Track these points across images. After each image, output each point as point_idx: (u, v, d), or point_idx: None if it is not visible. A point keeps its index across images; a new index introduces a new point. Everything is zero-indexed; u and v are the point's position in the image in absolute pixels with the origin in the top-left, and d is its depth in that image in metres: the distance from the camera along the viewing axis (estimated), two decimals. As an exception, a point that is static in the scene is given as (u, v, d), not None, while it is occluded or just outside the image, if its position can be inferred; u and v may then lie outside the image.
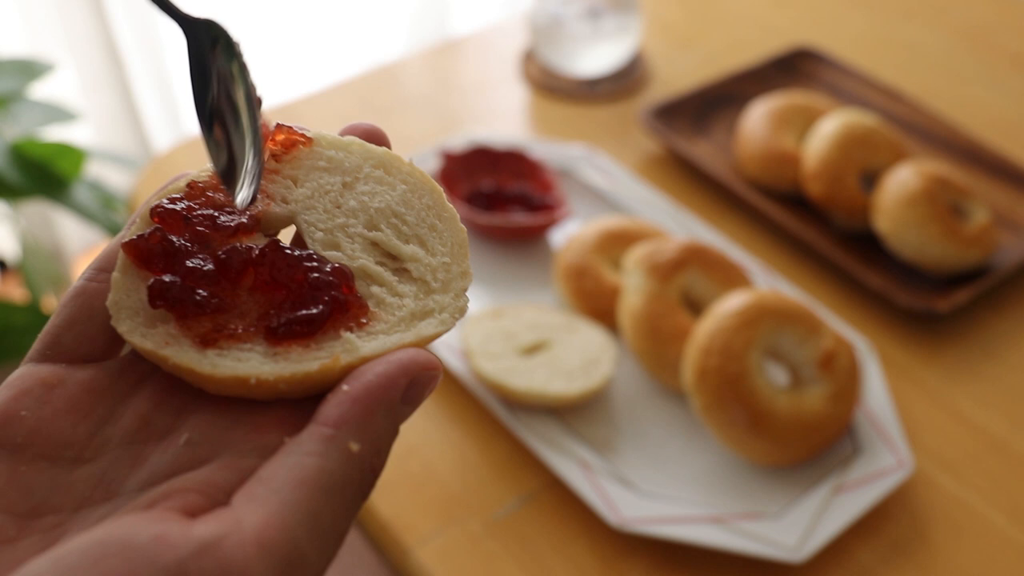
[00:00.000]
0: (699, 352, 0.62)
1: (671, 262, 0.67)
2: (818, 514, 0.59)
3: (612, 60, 0.97)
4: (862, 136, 0.81)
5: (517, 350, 0.66)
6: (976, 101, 0.99)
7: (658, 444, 0.65)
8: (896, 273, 0.77)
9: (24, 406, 0.26)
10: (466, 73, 1.03)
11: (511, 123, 0.95)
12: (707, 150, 0.89)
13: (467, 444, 0.65)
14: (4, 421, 0.26)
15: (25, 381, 0.27)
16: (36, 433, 0.26)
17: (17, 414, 0.26)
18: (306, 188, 0.31)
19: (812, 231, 0.80)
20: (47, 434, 0.26)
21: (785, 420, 0.61)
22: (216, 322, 0.28)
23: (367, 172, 0.32)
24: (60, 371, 0.27)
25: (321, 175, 0.31)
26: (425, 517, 0.61)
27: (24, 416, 0.26)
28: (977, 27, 1.11)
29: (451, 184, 0.80)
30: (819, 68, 0.99)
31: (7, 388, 0.27)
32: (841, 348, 0.63)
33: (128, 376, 0.28)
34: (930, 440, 0.67)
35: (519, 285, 0.76)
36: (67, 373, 0.27)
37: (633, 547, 0.60)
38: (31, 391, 0.27)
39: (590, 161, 0.85)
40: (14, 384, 0.27)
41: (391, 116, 0.94)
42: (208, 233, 0.29)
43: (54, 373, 0.27)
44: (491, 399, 0.64)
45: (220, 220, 0.29)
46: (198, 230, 0.29)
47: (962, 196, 0.78)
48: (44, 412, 0.26)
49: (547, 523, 0.61)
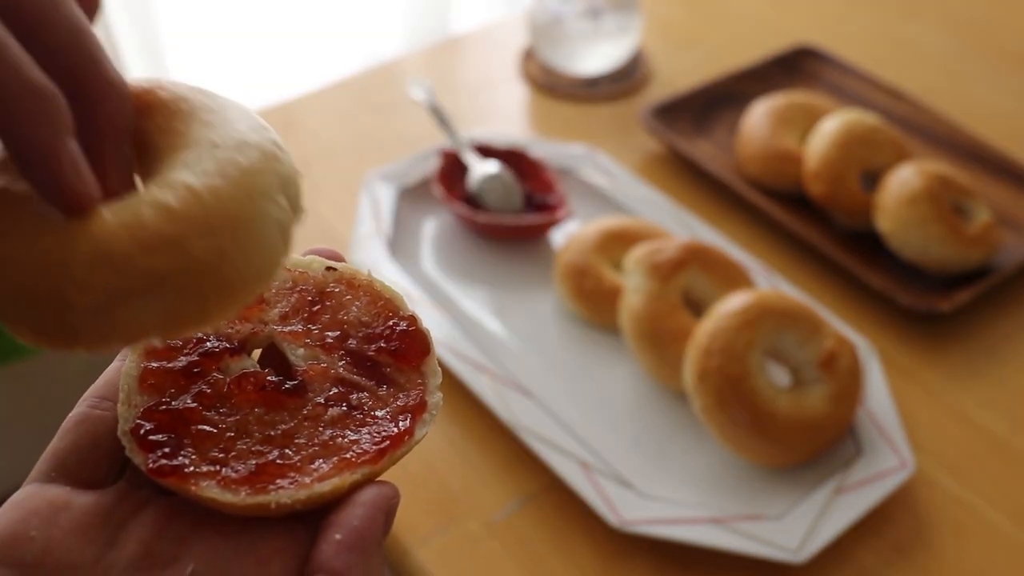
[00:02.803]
0: (700, 352, 0.62)
1: (672, 262, 0.67)
2: (819, 515, 0.59)
3: (612, 59, 0.97)
4: (864, 135, 0.81)
5: None
6: (979, 101, 0.98)
7: (658, 444, 0.65)
8: (898, 273, 0.77)
9: (33, 527, 0.27)
10: (466, 72, 1.03)
11: (511, 123, 0.95)
12: (708, 150, 0.89)
13: (467, 444, 0.65)
14: (14, 541, 0.26)
15: (33, 501, 0.27)
16: (46, 554, 0.26)
17: (27, 534, 0.26)
18: (278, 309, 0.33)
19: (813, 231, 0.79)
20: (56, 556, 0.26)
21: (786, 421, 0.61)
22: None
23: (331, 288, 0.33)
24: (66, 494, 0.28)
25: (291, 295, 0.33)
26: (425, 517, 0.61)
27: (34, 536, 0.26)
28: (980, 26, 1.10)
29: (451, 184, 0.80)
30: (821, 67, 0.99)
31: (15, 508, 0.27)
32: (842, 348, 0.63)
33: (129, 501, 0.28)
34: (932, 441, 0.67)
35: (519, 285, 0.76)
36: (72, 496, 0.28)
37: (633, 548, 0.60)
38: (40, 511, 0.27)
39: (590, 161, 0.84)
40: (22, 504, 0.27)
41: (391, 115, 0.93)
42: (205, 364, 0.31)
43: (60, 495, 0.28)
44: (491, 399, 0.64)
45: (208, 346, 0.31)
46: (195, 372, 0.30)
47: (964, 196, 0.78)
48: (53, 533, 0.27)
49: (547, 524, 0.61)
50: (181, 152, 0.26)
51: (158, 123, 0.27)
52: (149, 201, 0.25)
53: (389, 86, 0.98)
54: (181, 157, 0.26)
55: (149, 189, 0.25)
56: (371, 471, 0.29)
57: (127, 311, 0.24)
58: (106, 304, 0.24)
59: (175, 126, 0.27)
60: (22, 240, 0.24)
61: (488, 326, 0.72)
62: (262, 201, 0.26)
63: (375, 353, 0.32)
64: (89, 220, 0.24)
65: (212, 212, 0.24)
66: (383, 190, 0.80)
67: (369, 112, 0.94)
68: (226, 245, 0.24)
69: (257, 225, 0.25)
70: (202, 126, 0.27)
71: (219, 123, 0.27)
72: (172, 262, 0.24)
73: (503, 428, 0.65)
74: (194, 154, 0.26)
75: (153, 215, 0.24)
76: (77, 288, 0.24)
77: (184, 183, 0.25)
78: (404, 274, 0.74)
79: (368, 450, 0.29)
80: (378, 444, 0.29)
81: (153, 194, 0.25)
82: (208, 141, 0.26)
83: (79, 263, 0.24)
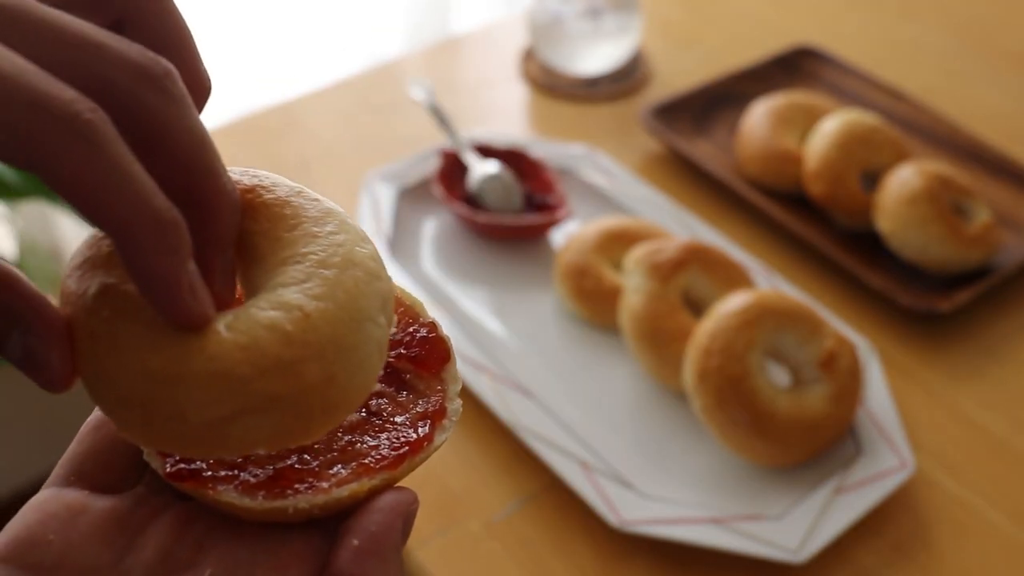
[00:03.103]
0: (700, 352, 0.62)
1: (672, 262, 0.67)
2: (819, 515, 0.59)
3: (612, 59, 0.97)
4: (863, 135, 0.81)
5: None
6: (978, 101, 0.98)
7: (658, 444, 0.65)
8: (898, 273, 0.77)
9: (52, 530, 0.27)
10: (466, 72, 1.03)
11: (511, 123, 0.95)
12: (708, 150, 0.89)
13: (467, 444, 0.65)
14: (33, 544, 0.26)
15: (51, 505, 0.27)
16: (64, 557, 0.26)
17: (45, 537, 0.26)
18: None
19: (813, 231, 0.79)
20: (74, 559, 0.26)
21: (786, 421, 0.61)
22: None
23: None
24: (83, 498, 0.28)
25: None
26: (425, 517, 0.61)
27: (52, 540, 0.26)
28: (980, 26, 1.10)
29: (451, 184, 0.80)
30: (820, 67, 0.99)
31: (33, 511, 0.27)
32: (842, 348, 0.63)
33: (147, 506, 0.28)
34: (932, 441, 0.67)
35: (519, 285, 0.76)
36: (90, 500, 0.28)
37: (633, 548, 0.60)
38: (58, 515, 0.27)
39: (590, 161, 0.84)
40: (41, 507, 0.27)
41: (391, 115, 0.93)
42: None
43: (78, 499, 0.28)
44: (491, 399, 0.64)
45: None
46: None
47: (964, 196, 0.78)
48: (71, 537, 0.27)
49: (547, 524, 0.61)
50: (288, 265, 0.27)
51: (261, 226, 0.28)
52: (264, 323, 0.26)
53: (389, 86, 0.98)
54: (289, 272, 0.27)
55: (259, 305, 0.26)
56: (390, 477, 0.29)
57: (238, 428, 0.25)
58: (220, 421, 0.25)
59: (279, 233, 0.28)
60: (137, 349, 0.25)
61: (488, 326, 0.72)
62: (367, 324, 0.27)
63: (395, 359, 0.31)
64: (204, 335, 0.25)
65: (324, 338, 0.26)
66: (383, 190, 0.80)
67: (369, 112, 0.94)
68: (335, 369, 0.26)
69: (361, 348, 0.27)
70: (306, 238, 0.28)
71: (323, 236, 0.28)
72: (287, 386, 0.25)
73: (503, 428, 0.65)
74: (302, 272, 0.27)
75: (269, 338, 0.25)
76: (193, 404, 0.25)
77: (298, 305, 0.26)
78: (404, 274, 0.74)
79: (387, 456, 0.29)
80: (397, 450, 0.29)
81: (268, 315, 0.26)
82: (315, 258, 0.27)
83: (197, 380, 0.25)
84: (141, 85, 0.24)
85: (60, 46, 0.23)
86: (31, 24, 0.23)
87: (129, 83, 0.23)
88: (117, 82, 0.23)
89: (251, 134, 0.91)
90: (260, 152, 0.88)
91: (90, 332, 0.25)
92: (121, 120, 0.23)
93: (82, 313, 0.26)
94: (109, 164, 0.22)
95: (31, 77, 0.22)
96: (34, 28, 0.23)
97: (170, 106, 0.24)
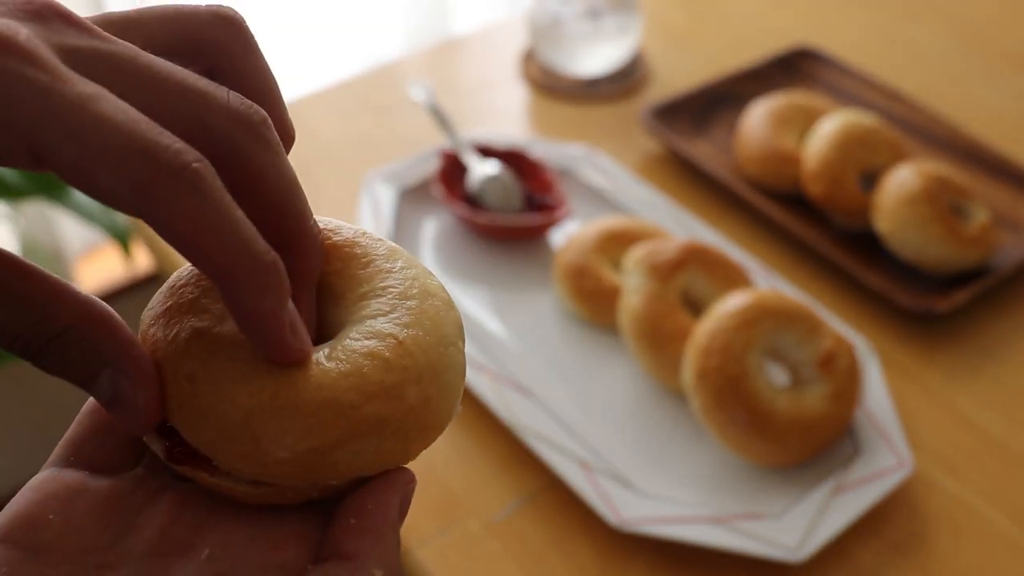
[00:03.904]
0: (699, 352, 0.62)
1: (671, 262, 0.67)
2: (818, 514, 0.59)
3: (612, 60, 0.97)
4: (862, 136, 0.81)
5: None
6: (977, 101, 0.99)
7: (658, 444, 0.65)
8: (896, 273, 0.77)
9: (51, 510, 0.27)
10: (466, 73, 1.03)
11: (511, 123, 0.95)
12: (707, 150, 0.89)
13: (467, 444, 0.65)
14: (32, 523, 0.27)
15: (50, 485, 0.28)
16: (62, 537, 0.27)
17: (45, 517, 0.27)
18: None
19: (812, 231, 0.80)
20: (73, 539, 0.27)
21: (785, 420, 0.61)
22: None
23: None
24: (83, 478, 0.28)
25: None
26: (425, 517, 0.61)
27: (51, 519, 0.27)
28: (978, 27, 1.10)
29: (451, 184, 0.80)
30: (819, 68, 0.99)
31: (33, 491, 0.27)
32: (841, 348, 0.63)
33: (145, 488, 0.29)
34: (930, 440, 0.67)
35: (519, 285, 0.76)
36: (89, 481, 0.28)
37: (633, 547, 0.60)
38: (57, 495, 0.27)
39: (590, 161, 0.85)
40: (40, 488, 0.28)
41: (391, 116, 0.94)
42: None
43: (77, 480, 0.28)
44: (491, 399, 0.64)
45: None
46: None
47: (962, 196, 0.78)
48: (70, 517, 0.27)
49: (547, 523, 0.61)
50: (369, 299, 0.29)
51: (336, 267, 0.30)
52: (363, 352, 0.27)
53: (389, 87, 0.98)
54: (373, 305, 0.29)
55: (353, 336, 0.28)
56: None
57: (346, 453, 0.26)
58: (328, 448, 0.26)
59: (353, 272, 0.30)
60: (243, 384, 0.26)
61: (488, 326, 0.72)
62: (451, 348, 0.29)
63: None
64: (306, 368, 0.27)
65: (419, 363, 0.27)
66: (383, 191, 0.80)
67: (369, 113, 0.94)
68: (431, 392, 0.27)
69: (449, 371, 0.28)
70: (381, 274, 0.30)
71: (396, 271, 0.30)
72: (391, 409, 0.27)
73: (503, 428, 0.65)
74: (387, 304, 0.29)
75: (370, 365, 0.27)
76: (304, 433, 0.26)
77: (391, 334, 0.28)
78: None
79: None
80: None
81: (364, 344, 0.27)
82: (396, 291, 0.29)
83: (307, 409, 0.26)
84: (241, 132, 0.25)
85: (164, 93, 0.24)
86: (136, 72, 0.24)
87: (230, 130, 0.25)
88: (218, 129, 0.24)
89: (252, 135, 0.91)
90: (261, 153, 0.89)
91: (188, 374, 0.26)
92: (221, 165, 0.24)
93: (174, 357, 0.27)
94: (216, 212, 0.23)
95: (142, 126, 0.23)
96: (140, 76, 0.24)
97: (267, 153, 0.25)
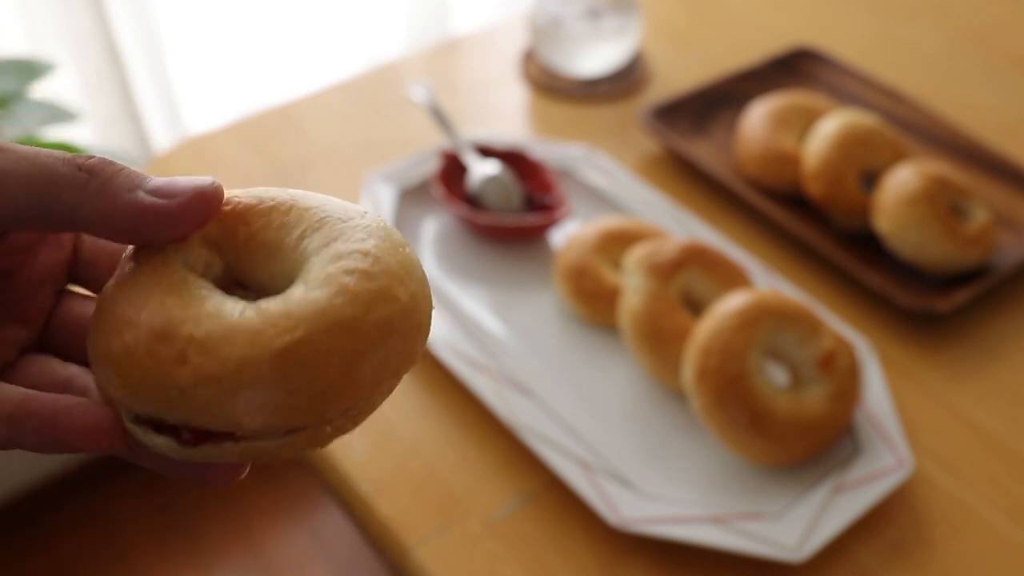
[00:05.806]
0: (699, 352, 0.62)
1: (671, 262, 0.67)
2: (818, 514, 0.59)
3: (612, 60, 0.97)
4: (862, 136, 0.81)
5: None
6: (976, 101, 0.99)
7: (658, 444, 0.65)
8: (896, 273, 0.77)
9: None
10: (466, 73, 1.03)
11: (511, 123, 0.95)
12: (707, 150, 0.89)
13: (467, 444, 0.65)
14: None
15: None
16: None
17: None
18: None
19: (812, 231, 0.80)
20: None
21: (785, 420, 0.61)
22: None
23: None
24: None
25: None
26: (425, 517, 0.61)
27: None
28: (978, 27, 1.11)
29: (451, 184, 0.80)
30: (819, 68, 0.99)
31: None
32: (841, 348, 0.63)
33: None
34: (930, 440, 0.67)
35: (519, 285, 0.76)
36: None
37: (633, 547, 0.60)
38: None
39: (590, 161, 0.85)
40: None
41: (391, 116, 0.94)
42: None
43: None
44: (491, 399, 0.64)
45: None
46: None
47: (962, 196, 0.78)
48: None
49: (547, 523, 0.61)
50: (310, 235, 0.28)
51: (260, 224, 0.28)
52: (343, 270, 0.26)
53: (389, 87, 0.98)
54: (322, 232, 0.28)
55: (321, 264, 0.27)
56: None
57: (368, 365, 0.25)
58: (353, 362, 0.25)
59: (280, 221, 0.28)
60: (246, 344, 0.25)
61: (488, 326, 0.72)
62: (406, 247, 0.28)
63: None
64: (288, 303, 0.25)
65: (392, 265, 0.27)
66: (383, 191, 0.80)
67: (369, 113, 0.94)
68: (413, 288, 0.27)
69: (417, 267, 0.28)
70: (308, 211, 0.28)
71: (320, 205, 0.29)
72: (391, 310, 0.26)
73: (503, 428, 0.66)
74: (332, 230, 0.28)
75: (354, 280, 0.26)
76: (324, 359, 0.25)
77: (355, 250, 0.27)
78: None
79: None
80: None
81: (338, 265, 0.26)
82: (332, 218, 0.28)
83: (320, 336, 0.25)
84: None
85: None
86: None
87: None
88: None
89: (251, 135, 0.91)
90: (260, 153, 0.89)
91: (179, 353, 0.25)
92: None
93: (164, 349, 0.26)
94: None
95: None
96: None
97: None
